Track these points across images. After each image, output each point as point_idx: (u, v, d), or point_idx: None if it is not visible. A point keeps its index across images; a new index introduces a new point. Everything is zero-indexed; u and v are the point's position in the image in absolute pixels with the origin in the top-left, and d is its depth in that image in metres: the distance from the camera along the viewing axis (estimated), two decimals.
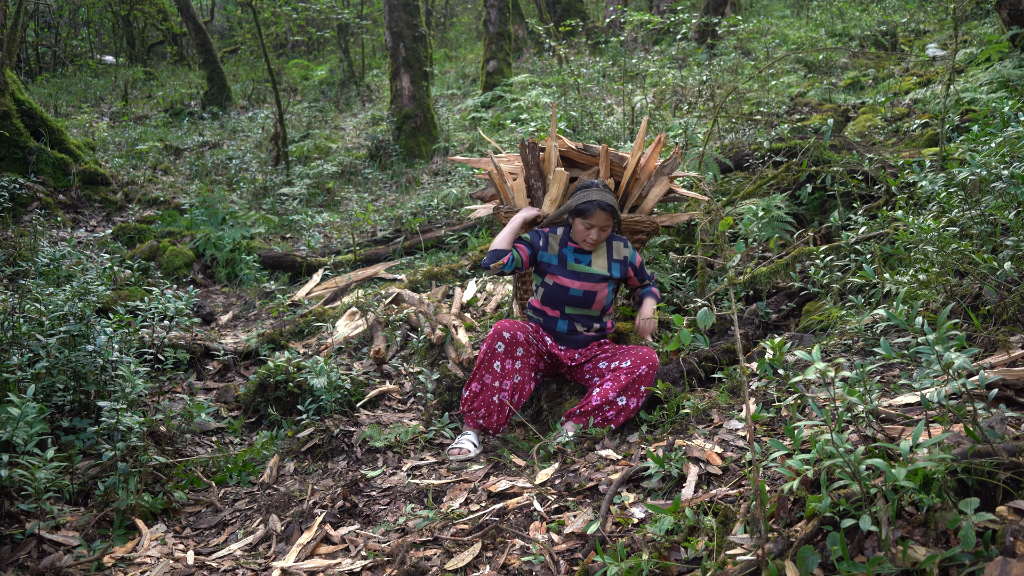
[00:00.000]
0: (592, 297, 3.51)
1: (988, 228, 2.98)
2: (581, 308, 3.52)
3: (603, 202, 3.32)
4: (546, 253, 3.55)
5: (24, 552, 2.58)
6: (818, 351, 1.81)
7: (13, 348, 3.37)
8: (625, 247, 3.61)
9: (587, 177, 3.79)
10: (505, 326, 3.45)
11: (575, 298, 3.50)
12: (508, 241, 3.53)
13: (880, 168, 4.59)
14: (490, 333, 3.46)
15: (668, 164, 3.73)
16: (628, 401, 3.27)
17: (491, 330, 3.48)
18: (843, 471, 1.67)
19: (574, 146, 3.77)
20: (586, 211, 3.33)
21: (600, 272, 3.52)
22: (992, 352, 2.49)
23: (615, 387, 3.27)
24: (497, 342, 3.41)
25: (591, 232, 3.40)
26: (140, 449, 3.05)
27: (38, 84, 15.33)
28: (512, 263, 3.47)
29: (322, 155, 10.58)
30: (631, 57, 9.51)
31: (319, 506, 2.91)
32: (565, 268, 3.52)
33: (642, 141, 3.67)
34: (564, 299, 3.51)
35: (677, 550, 2.05)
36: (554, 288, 3.52)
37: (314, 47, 19.45)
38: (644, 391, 3.29)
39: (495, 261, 3.46)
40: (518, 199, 3.81)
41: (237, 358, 4.79)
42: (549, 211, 3.70)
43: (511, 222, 3.62)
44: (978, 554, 1.52)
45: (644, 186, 3.79)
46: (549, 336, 3.57)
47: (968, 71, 6.63)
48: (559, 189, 3.68)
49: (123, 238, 7.10)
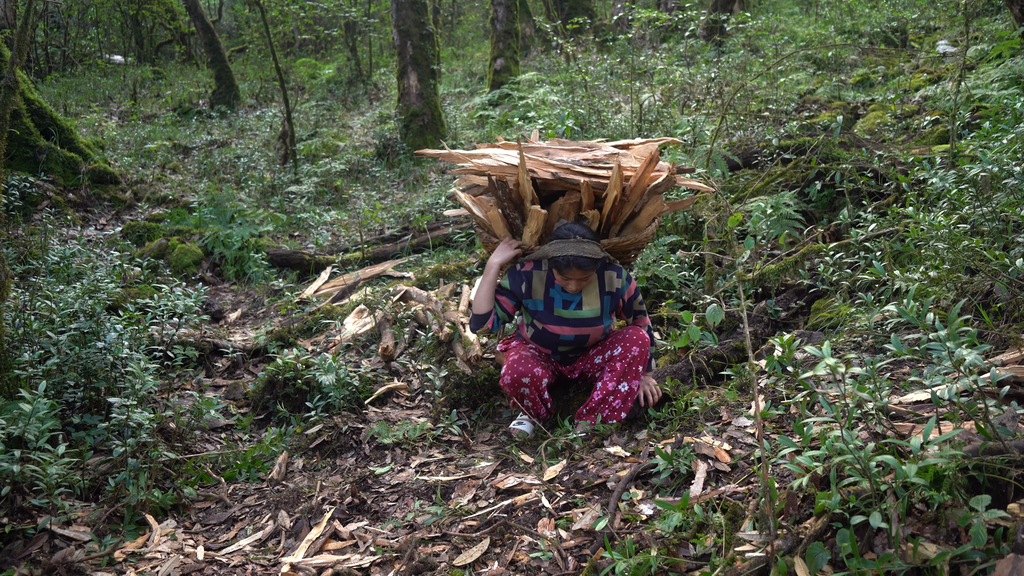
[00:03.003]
0: (585, 339, 3.35)
1: (999, 225, 2.96)
2: (574, 348, 3.41)
3: (579, 259, 3.04)
4: (531, 300, 3.32)
5: (36, 547, 2.60)
6: (828, 347, 1.80)
7: (24, 345, 3.40)
8: (619, 277, 3.32)
9: (570, 201, 3.34)
10: (513, 372, 3.29)
11: (567, 342, 3.35)
12: (488, 299, 3.30)
13: (890, 165, 4.57)
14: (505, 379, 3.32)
15: (663, 184, 3.28)
16: (630, 385, 3.25)
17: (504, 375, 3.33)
18: (853, 468, 1.66)
19: (550, 175, 3.28)
20: (560, 267, 3.10)
21: (592, 314, 3.29)
22: (1003, 349, 2.47)
23: (612, 377, 3.26)
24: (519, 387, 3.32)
25: (569, 283, 3.17)
26: (150, 445, 3.07)
27: (48, 84, 15.41)
28: (498, 322, 3.34)
29: (330, 153, 10.60)
30: (639, 54, 9.50)
31: (328, 502, 2.92)
32: (552, 315, 3.30)
33: (619, 179, 3.17)
34: (556, 343, 3.36)
35: (686, 547, 2.05)
36: (543, 332, 3.35)
37: (321, 46, 19.48)
38: (642, 370, 3.27)
39: (480, 327, 3.33)
40: (496, 228, 3.46)
41: (246, 355, 4.81)
42: (530, 243, 3.34)
43: (487, 271, 3.32)
44: (989, 551, 1.51)
45: (636, 204, 3.37)
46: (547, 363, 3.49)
47: (979, 67, 6.59)
48: (537, 225, 3.28)
49: (132, 236, 7.13)
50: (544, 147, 3.56)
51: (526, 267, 3.32)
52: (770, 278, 4.16)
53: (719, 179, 5.33)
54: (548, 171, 3.27)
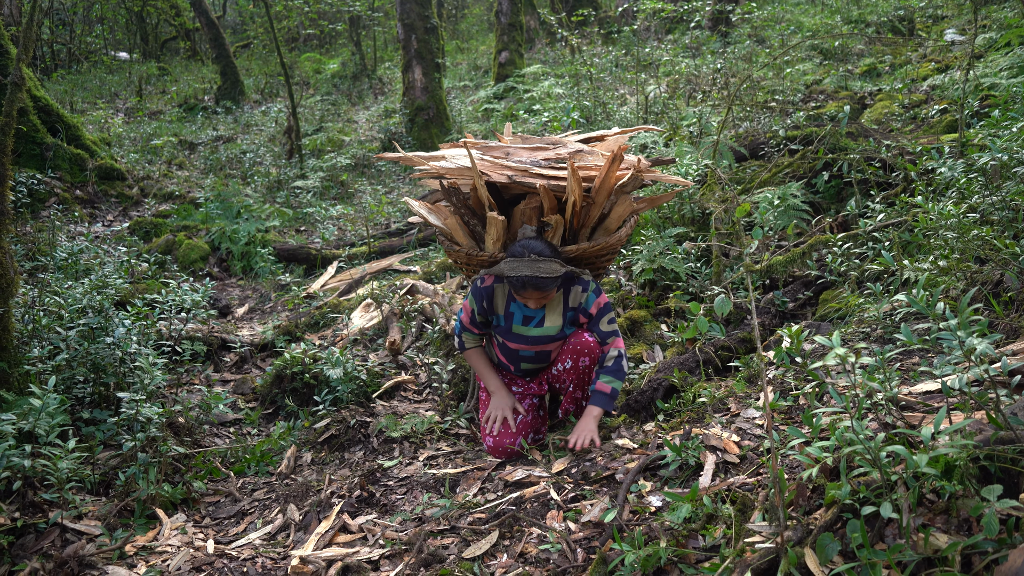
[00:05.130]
0: (547, 355, 3.16)
1: (1009, 214, 2.95)
2: (536, 363, 3.21)
3: (535, 279, 2.78)
4: (494, 315, 3.11)
5: (48, 541, 2.61)
6: (838, 337, 1.80)
7: (34, 341, 3.41)
8: (584, 291, 3.02)
9: (531, 206, 3.08)
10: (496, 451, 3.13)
11: (528, 358, 3.18)
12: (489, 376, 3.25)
13: (898, 155, 4.54)
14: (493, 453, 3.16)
15: (629, 183, 3.02)
16: (586, 389, 3.14)
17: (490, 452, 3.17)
18: (863, 458, 1.65)
19: (504, 178, 3.03)
20: (516, 288, 2.86)
21: (553, 332, 3.06)
22: (1014, 339, 2.46)
23: (570, 398, 3.18)
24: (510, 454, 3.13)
25: (528, 302, 2.94)
26: (159, 440, 3.08)
27: (54, 81, 15.45)
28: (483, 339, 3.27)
29: (335, 148, 10.60)
30: (644, 46, 9.45)
31: (336, 496, 2.93)
32: (511, 332, 3.09)
33: (576, 182, 2.89)
34: (517, 358, 3.20)
35: (695, 538, 2.05)
36: (504, 347, 3.18)
37: (326, 40, 19.46)
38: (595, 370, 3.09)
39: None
40: (456, 236, 3.24)
41: (253, 350, 4.82)
42: (493, 250, 3.10)
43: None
44: (1001, 541, 1.50)
45: (604, 205, 3.10)
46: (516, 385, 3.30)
47: (987, 56, 6.54)
48: (498, 231, 3.02)
49: (139, 232, 7.15)
50: (504, 146, 3.35)
51: (487, 281, 3.07)
52: (778, 269, 4.15)
53: (726, 170, 5.31)
54: (503, 174, 3.03)
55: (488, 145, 3.35)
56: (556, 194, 3.01)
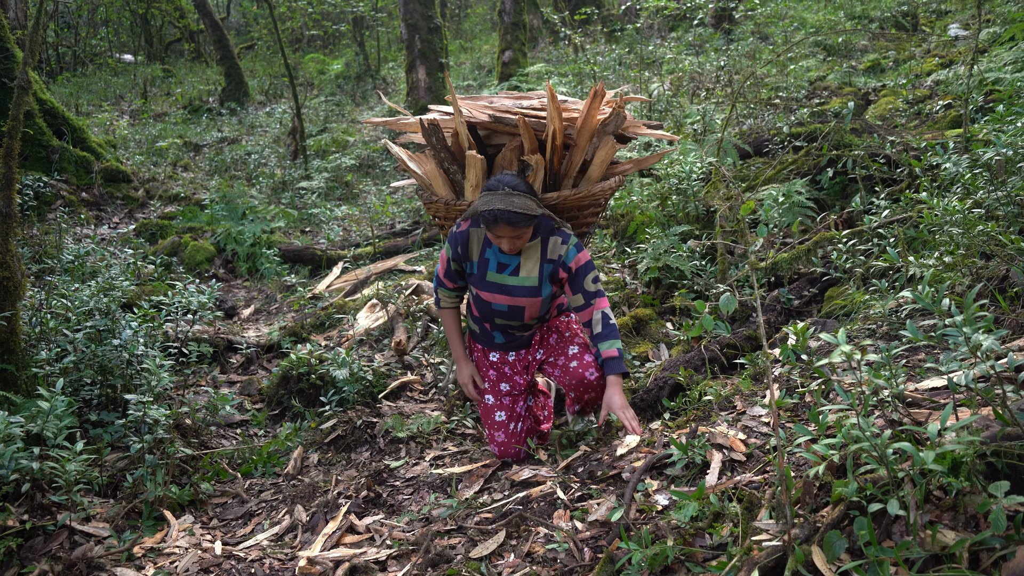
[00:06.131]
0: (520, 312, 2.97)
1: (1014, 209, 2.93)
2: (510, 320, 3.04)
3: (507, 213, 2.63)
4: (468, 262, 2.96)
5: (56, 543, 2.63)
6: (843, 334, 1.79)
7: (41, 343, 3.43)
8: (564, 243, 2.86)
9: (511, 147, 3.03)
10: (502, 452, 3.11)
11: (500, 312, 3.00)
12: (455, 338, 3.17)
13: (902, 151, 4.52)
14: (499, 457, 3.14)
15: (611, 121, 2.91)
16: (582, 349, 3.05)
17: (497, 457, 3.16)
18: (870, 455, 1.65)
19: (487, 116, 3.02)
20: (488, 223, 2.71)
21: (528, 283, 2.89)
22: (1021, 335, 2.45)
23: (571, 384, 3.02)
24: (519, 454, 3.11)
25: (501, 242, 2.79)
26: (167, 441, 3.09)
27: (59, 84, 15.51)
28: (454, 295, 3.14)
29: (340, 148, 10.62)
30: (647, 44, 9.44)
31: (343, 496, 2.94)
32: (484, 280, 2.93)
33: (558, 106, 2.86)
34: (490, 312, 3.02)
35: (702, 536, 2.05)
36: (477, 299, 3.02)
37: (330, 41, 19.49)
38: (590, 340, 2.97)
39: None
40: (436, 187, 3.21)
41: (260, 351, 4.83)
42: (472, 199, 3.02)
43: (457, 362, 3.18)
44: (1009, 538, 1.50)
45: (587, 150, 3.01)
46: (495, 352, 3.18)
47: (992, 51, 6.51)
48: (477, 175, 2.98)
49: (145, 234, 7.18)
50: (488, 96, 3.42)
51: (463, 227, 2.93)
52: (783, 266, 4.14)
53: (730, 168, 5.30)
54: (485, 112, 3.03)
55: (474, 96, 3.42)
56: (537, 133, 2.95)
